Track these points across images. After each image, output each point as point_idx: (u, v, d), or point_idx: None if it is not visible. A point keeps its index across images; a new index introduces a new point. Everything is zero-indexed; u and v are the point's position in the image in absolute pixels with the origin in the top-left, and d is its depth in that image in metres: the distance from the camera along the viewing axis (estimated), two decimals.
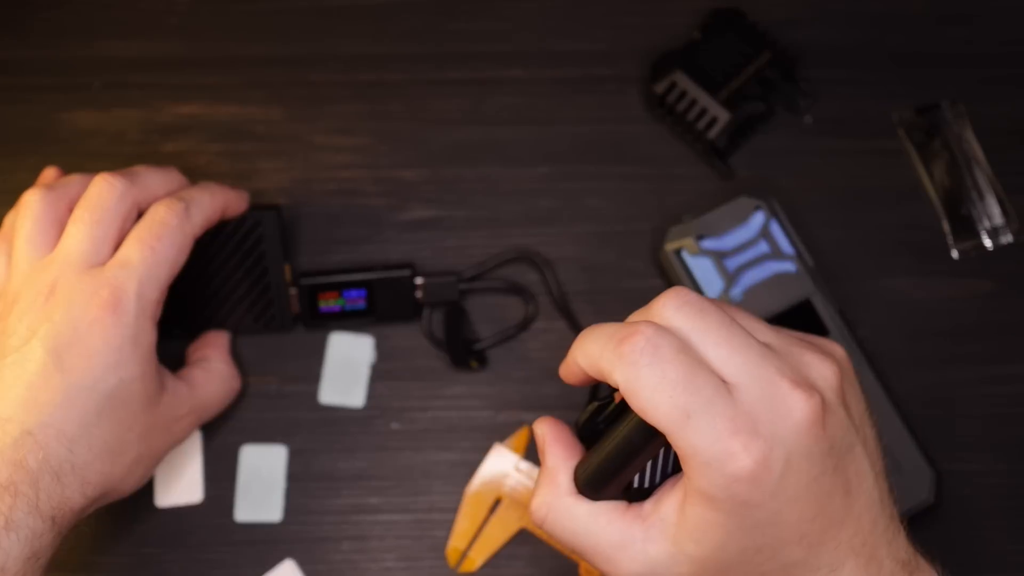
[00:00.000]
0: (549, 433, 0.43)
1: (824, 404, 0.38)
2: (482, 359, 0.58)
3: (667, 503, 0.40)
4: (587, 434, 0.42)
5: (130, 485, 0.50)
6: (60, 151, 0.61)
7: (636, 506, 0.41)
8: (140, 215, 0.50)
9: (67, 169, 0.56)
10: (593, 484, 0.41)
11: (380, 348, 0.59)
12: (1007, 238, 0.59)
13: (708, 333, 0.38)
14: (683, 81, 0.60)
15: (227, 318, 0.57)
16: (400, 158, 0.61)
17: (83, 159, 0.61)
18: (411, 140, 0.62)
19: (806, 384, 0.38)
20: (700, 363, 0.38)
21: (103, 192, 0.49)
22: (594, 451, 0.41)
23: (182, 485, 0.56)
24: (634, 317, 0.40)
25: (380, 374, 0.58)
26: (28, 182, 0.61)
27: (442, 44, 0.63)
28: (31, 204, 0.49)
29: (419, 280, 0.58)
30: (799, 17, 0.63)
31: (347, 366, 0.58)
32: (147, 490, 0.56)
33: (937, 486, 0.54)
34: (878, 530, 0.40)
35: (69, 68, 0.63)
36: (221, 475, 0.57)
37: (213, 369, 0.55)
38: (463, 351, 0.57)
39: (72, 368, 0.45)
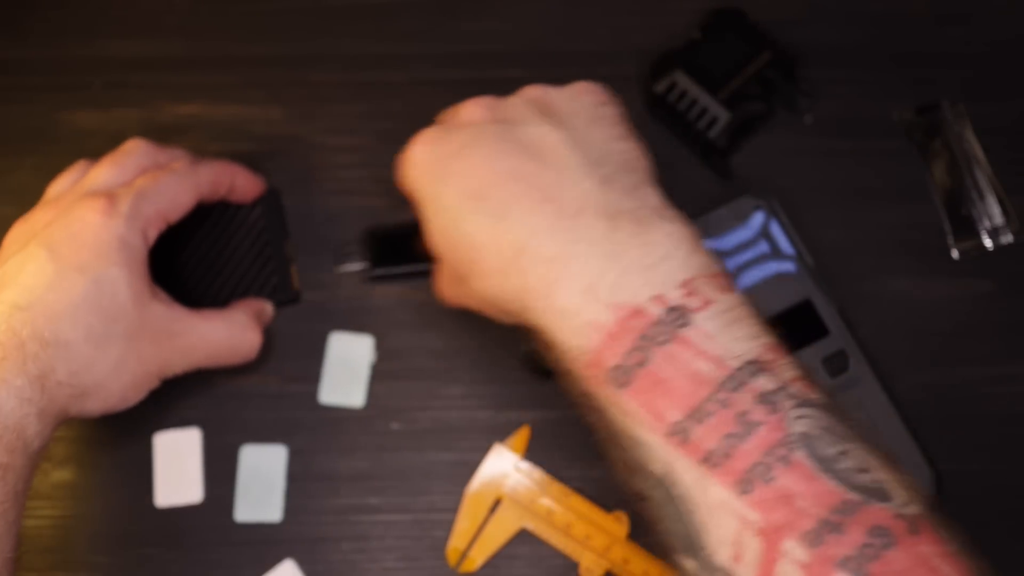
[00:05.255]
0: None
1: (495, 97, 0.47)
2: None
3: None
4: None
5: (117, 387, 0.50)
6: (60, 151, 0.60)
7: None
8: None
9: (66, 169, 0.56)
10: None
11: (380, 348, 0.59)
12: (1007, 238, 0.59)
13: None
14: (683, 81, 0.59)
15: (231, 295, 0.58)
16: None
17: (83, 159, 0.61)
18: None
19: None
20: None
21: (130, 146, 0.54)
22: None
23: (182, 485, 0.56)
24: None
25: (380, 374, 0.58)
26: (28, 182, 0.61)
27: (442, 44, 0.63)
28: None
29: None
30: (799, 17, 0.63)
31: (347, 366, 0.58)
32: (147, 490, 0.56)
33: (937, 486, 0.54)
34: (572, 187, 0.42)
35: (69, 68, 0.63)
36: (221, 475, 0.57)
37: (226, 313, 0.55)
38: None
39: (61, 256, 0.48)
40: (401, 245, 0.58)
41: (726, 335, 0.38)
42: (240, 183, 0.57)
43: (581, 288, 0.39)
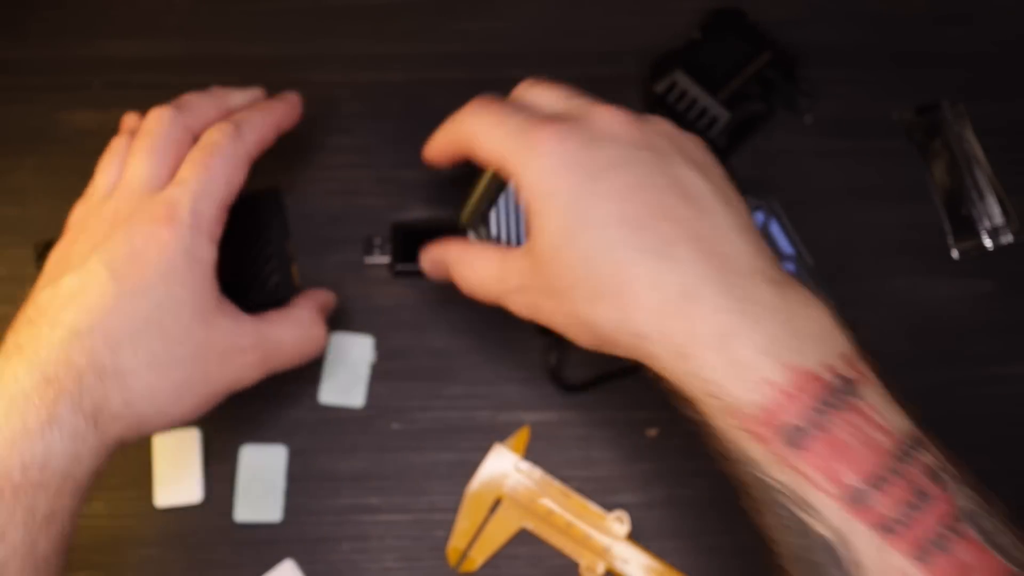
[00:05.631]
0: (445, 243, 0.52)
1: (633, 114, 0.46)
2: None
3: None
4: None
5: (178, 411, 0.48)
6: (60, 151, 0.61)
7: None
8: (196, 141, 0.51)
9: (67, 169, 0.56)
10: (472, 218, 0.51)
11: (380, 348, 0.59)
12: (1007, 238, 0.59)
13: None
14: (683, 81, 0.59)
15: (231, 295, 0.58)
16: (400, 158, 0.61)
17: (83, 159, 0.61)
18: (411, 140, 0.62)
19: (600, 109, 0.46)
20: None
21: (152, 123, 0.51)
22: (468, 197, 0.51)
23: (182, 485, 0.56)
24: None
25: (380, 374, 0.58)
26: (28, 182, 0.61)
27: (442, 44, 0.63)
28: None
29: None
30: (799, 17, 0.63)
31: (347, 366, 0.58)
32: (147, 490, 0.56)
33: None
34: (732, 244, 0.42)
35: (69, 68, 0.63)
36: (221, 475, 0.57)
37: (292, 313, 0.52)
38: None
39: (124, 276, 0.46)
40: (426, 242, 0.58)
41: (888, 409, 0.40)
42: (284, 118, 0.54)
43: (758, 345, 0.39)
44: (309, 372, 0.58)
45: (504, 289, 0.47)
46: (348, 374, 0.58)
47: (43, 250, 0.59)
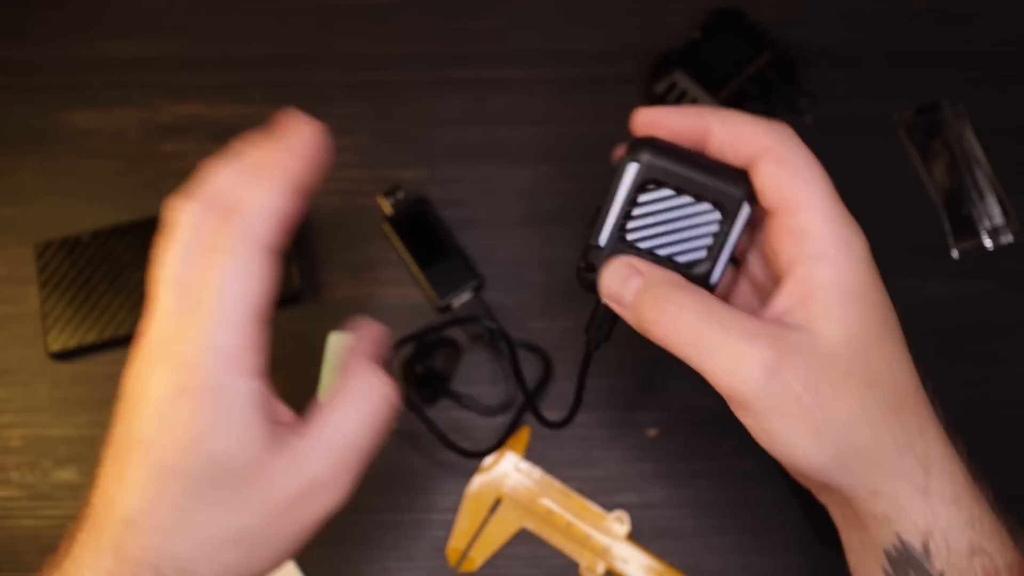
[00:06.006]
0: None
1: None
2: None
3: (786, 298, 0.40)
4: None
5: (261, 570, 0.40)
6: (60, 151, 0.61)
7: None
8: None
9: (66, 169, 0.56)
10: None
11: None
12: (1007, 238, 0.59)
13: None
14: (683, 81, 0.60)
15: None
16: (400, 158, 0.61)
17: (83, 159, 0.61)
18: (411, 140, 0.62)
19: None
20: None
21: (171, 231, 0.39)
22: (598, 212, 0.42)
23: None
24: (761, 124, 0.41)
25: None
26: (28, 182, 0.61)
27: (442, 44, 0.64)
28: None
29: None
30: (799, 18, 0.63)
31: None
32: None
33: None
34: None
35: (69, 68, 0.63)
36: None
37: (347, 390, 0.42)
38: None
39: (155, 445, 0.38)
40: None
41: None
42: (303, 166, 0.41)
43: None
44: (309, 372, 0.58)
45: (767, 392, 0.38)
46: None
47: (42, 250, 0.59)
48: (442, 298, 0.58)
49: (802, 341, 0.38)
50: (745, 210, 0.41)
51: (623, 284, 0.41)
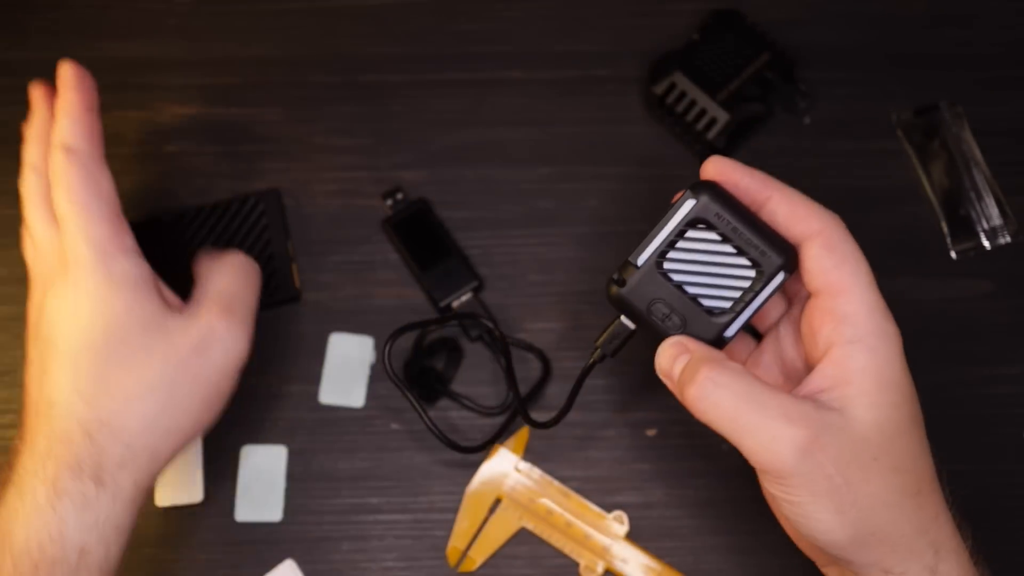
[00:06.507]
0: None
1: None
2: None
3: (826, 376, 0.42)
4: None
5: (187, 424, 0.48)
6: None
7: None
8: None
9: None
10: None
11: (380, 348, 0.59)
12: (1005, 238, 0.60)
13: None
14: (682, 82, 0.60)
15: None
16: (400, 158, 0.62)
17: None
18: (411, 140, 0.62)
19: None
20: None
21: (21, 188, 0.51)
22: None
23: (182, 485, 0.56)
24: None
25: (380, 374, 0.58)
26: None
27: (442, 45, 0.64)
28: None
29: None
30: (798, 18, 0.63)
31: (347, 366, 0.58)
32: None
33: (945, 483, 0.54)
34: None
35: None
36: (221, 475, 0.57)
37: (215, 266, 0.52)
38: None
39: (67, 336, 0.47)
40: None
41: None
42: (88, 102, 0.50)
43: None
44: (309, 372, 0.58)
45: (799, 470, 0.40)
46: (348, 374, 0.58)
47: None
48: (441, 299, 0.58)
49: (835, 422, 0.40)
50: (780, 277, 0.43)
51: (672, 362, 0.43)
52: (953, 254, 0.60)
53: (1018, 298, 0.59)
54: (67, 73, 0.51)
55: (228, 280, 0.51)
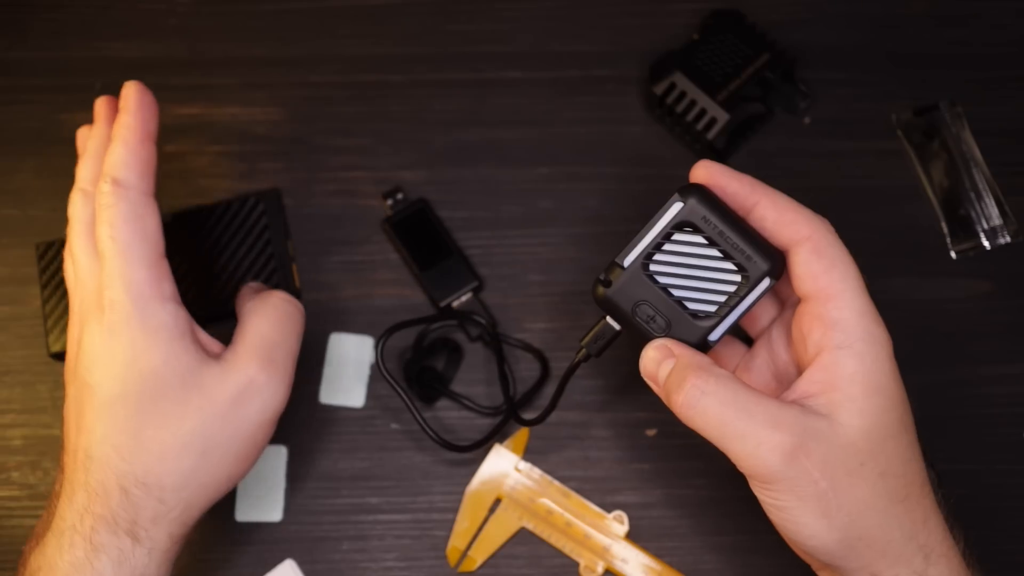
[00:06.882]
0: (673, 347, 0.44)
1: None
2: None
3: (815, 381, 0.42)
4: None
5: (223, 475, 0.47)
6: (61, 152, 0.60)
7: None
8: None
9: (67, 170, 0.56)
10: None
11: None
12: (1005, 238, 0.60)
13: None
14: (682, 82, 0.60)
15: (231, 295, 0.58)
16: (400, 158, 0.62)
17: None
18: (411, 140, 0.62)
19: None
20: None
21: (70, 209, 0.49)
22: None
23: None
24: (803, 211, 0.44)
25: (380, 374, 0.58)
26: (30, 182, 0.61)
27: (442, 45, 0.64)
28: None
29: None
30: (798, 18, 0.63)
31: (347, 366, 0.58)
32: None
33: (936, 486, 0.54)
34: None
35: (70, 69, 0.63)
36: None
37: (257, 308, 0.50)
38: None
39: (101, 384, 0.45)
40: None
41: None
42: (146, 128, 0.49)
43: None
44: (309, 372, 0.58)
45: (784, 475, 0.41)
46: (348, 374, 0.58)
47: (44, 250, 0.59)
48: (441, 299, 0.58)
49: (822, 428, 0.41)
50: (765, 283, 0.43)
51: (658, 366, 0.43)
52: (953, 254, 0.60)
53: (1018, 298, 0.59)
54: (130, 95, 0.49)
55: (269, 325, 0.49)
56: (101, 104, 0.52)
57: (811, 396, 0.42)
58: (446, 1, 0.64)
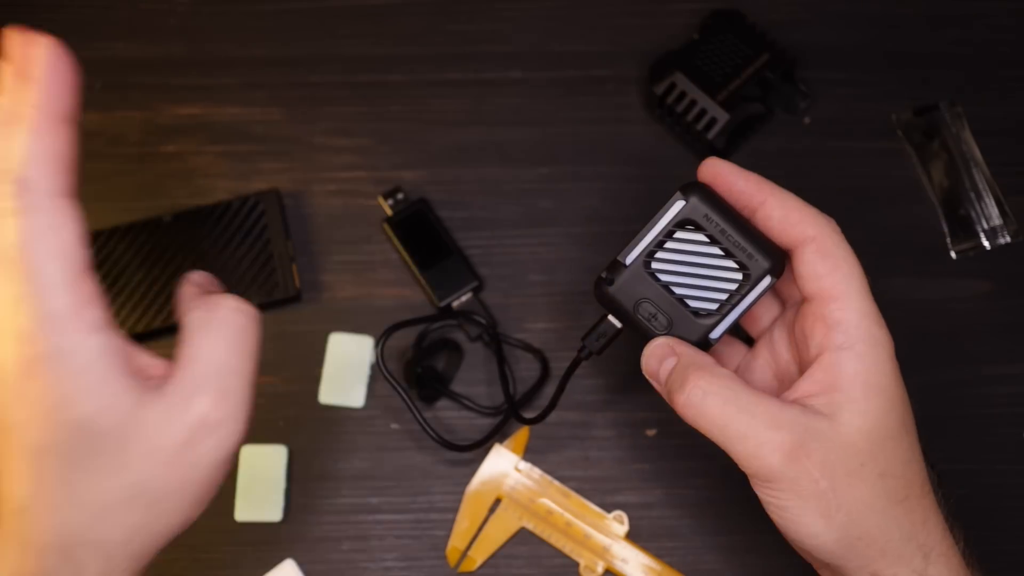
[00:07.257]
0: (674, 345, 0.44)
1: None
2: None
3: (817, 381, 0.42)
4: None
5: (176, 519, 0.39)
6: None
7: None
8: None
9: None
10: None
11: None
12: (1005, 238, 0.60)
13: None
14: (682, 82, 0.60)
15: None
16: (400, 158, 0.62)
17: (84, 160, 0.61)
18: (411, 140, 0.62)
19: None
20: None
21: None
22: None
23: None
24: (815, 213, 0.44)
25: (380, 374, 0.58)
26: None
27: (442, 45, 0.64)
28: None
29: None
30: (798, 18, 0.63)
31: (347, 366, 0.58)
32: None
33: (937, 486, 0.54)
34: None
35: None
36: None
37: (206, 326, 0.38)
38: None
39: (19, 429, 0.36)
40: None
41: None
42: (59, 105, 0.36)
43: None
44: (309, 372, 0.58)
45: (784, 474, 0.41)
46: (348, 374, 0.58)
47: None
48: (442, 299, 0.58)
49: (822, 428, 0.41)
50: (766, 281, 0.43)
51: (660, 364, 0.43)
52: (953, 254, 0.60)
53: (1018, 298, 0.59)
54: (40, 58, 0.37)
55: (223, 348, 0.38)
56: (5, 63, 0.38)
57: (812, 396, 0.42)
58: (446, 1, 0.64)
